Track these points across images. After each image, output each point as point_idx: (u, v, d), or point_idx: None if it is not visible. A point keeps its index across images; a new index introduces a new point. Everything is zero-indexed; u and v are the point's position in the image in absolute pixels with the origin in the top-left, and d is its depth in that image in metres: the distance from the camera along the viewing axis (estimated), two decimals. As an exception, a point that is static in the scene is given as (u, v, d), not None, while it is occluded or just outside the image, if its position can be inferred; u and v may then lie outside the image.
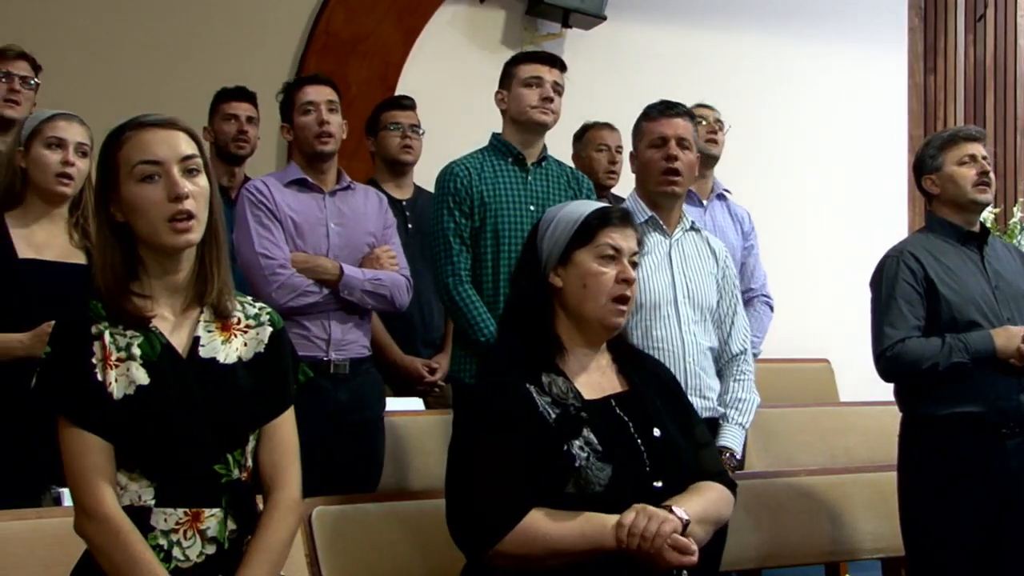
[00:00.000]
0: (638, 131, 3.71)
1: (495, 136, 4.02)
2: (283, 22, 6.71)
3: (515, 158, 3.94)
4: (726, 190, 4.99)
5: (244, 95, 5.03)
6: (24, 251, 3.32)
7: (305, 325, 3.72)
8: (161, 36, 6.35)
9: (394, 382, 4.56)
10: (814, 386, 6.51)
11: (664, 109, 3.69)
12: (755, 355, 4.64)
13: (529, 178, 3.94)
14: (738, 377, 3.65)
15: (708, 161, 4.79)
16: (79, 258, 3.38)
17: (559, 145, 5.15)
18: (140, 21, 6.36)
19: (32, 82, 4.39)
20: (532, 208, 3.88)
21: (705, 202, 4.83)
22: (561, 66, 4.01)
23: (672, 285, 3.56)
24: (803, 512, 4.14)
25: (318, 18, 6.75)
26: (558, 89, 3.96)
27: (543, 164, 4.00)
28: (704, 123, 4.83)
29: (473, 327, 3.76)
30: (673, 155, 3.59)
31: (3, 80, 4.32)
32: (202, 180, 2.28)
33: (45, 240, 3.37)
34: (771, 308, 4.90)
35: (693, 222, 3.76)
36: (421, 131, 5.02)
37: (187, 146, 2.28)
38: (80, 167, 3.36)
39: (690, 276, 3.61)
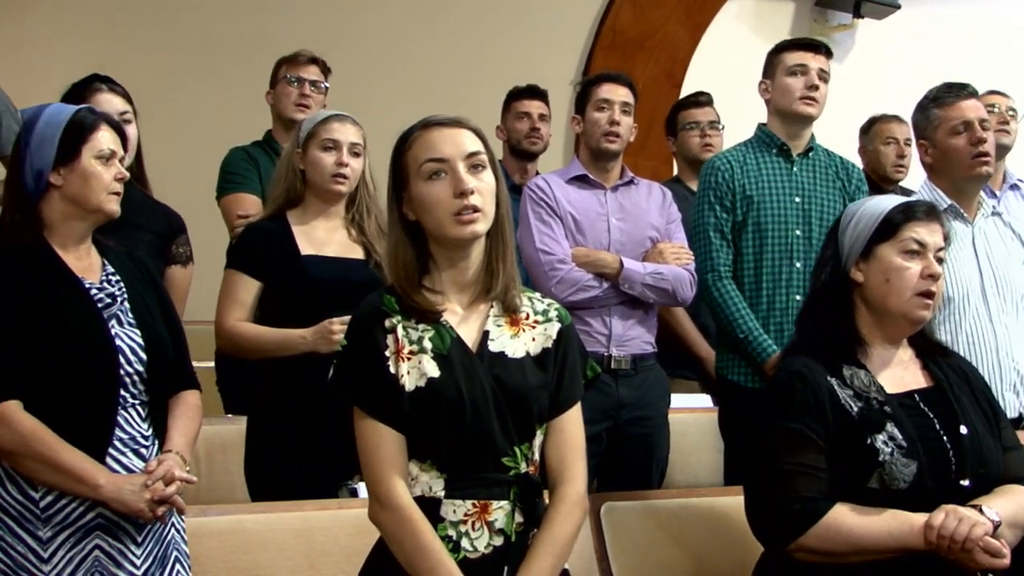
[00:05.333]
0: (929, 119, 3.56)
1: (760, 127, 3.94)
2: (571, 20, 6.81)
3: (779, 149, 3.86)
4: (1020, 180, 4.74)
5: (536, 93, 5.10)
6: (305, 248, 3.41)
7: (586, 320, 3.72)
8: (454, 38, 6.55)
9: (700, 377, 4.60)
10: None
11: (958, 92, 3.55)
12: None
13: (795, 169, 3.84)
14: None
15: (1000, 151, 4.55)
16: (357, 254, 3.46)
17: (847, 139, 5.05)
18: (433, 23, 6.58)
19: (322, 86, 4.55)
20: (797, 200, 3.79)
21: (998, 193, 4.60)
22: (827, 52, 3.89)
23: (979, 275, 3.42)
24: None
25: (605, 16, 6.81)
26: (824, 77, 3.84)
27: (810, 155, 3.89)
28: (996, 111, 4.60)
29: (731, 323, 3.71)
30: (982, 138, 3.46)
31: (295, 84, 4.50)
32: (487, 176, 2.31)
33: (324, 237, 3.46)
34: None
35: (994, 207, 3.59)
36: (721, 126, 4.98)
37: (472, 143, 2.32)
38: (354, 166, 3.44)
39: (997, 264, 3.45)
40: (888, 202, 2.73)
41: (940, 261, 2.67)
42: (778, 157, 3.86)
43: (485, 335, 2.34)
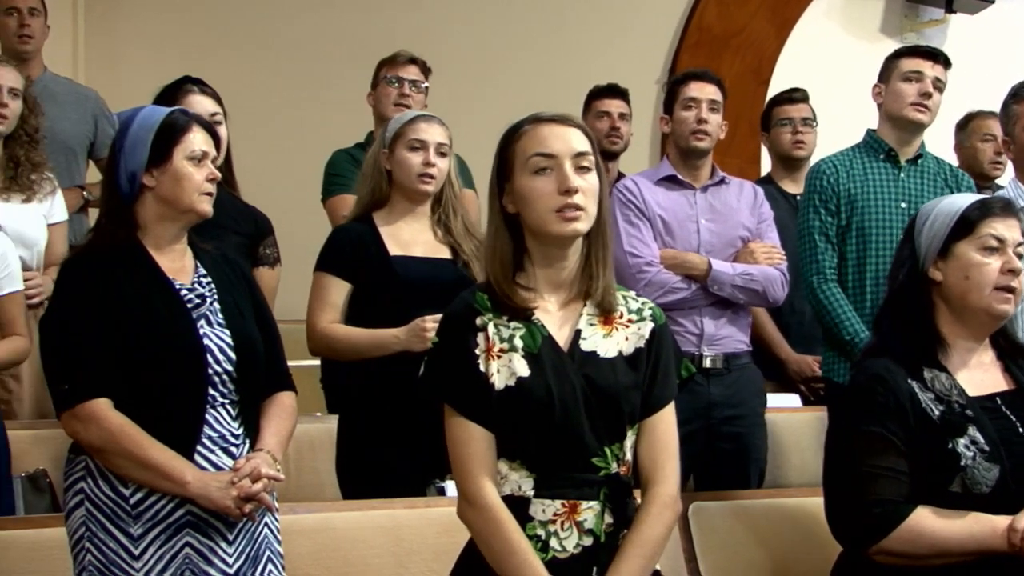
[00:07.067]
0: (1009, 115, 3.52)
1: (869, 132, 3.92)
2: (656, 18, 6.78)
3: (887, 155, 3.83)
4: None
5: (615, 92, 5.11)
6: (393, 249, 3.43)
7: (677, 320, 3.70)
8: (537, 36, 6.56)
9: (781, 379, 4.56)
10: None
11: None
12: None
13: (902, 175, 3.82)
14: None
15: None
16: (444, 253, 3.47)
17: (940, 136, 4.96)
18: (516, 22, 6.59)
19: (422, 86, 4.59)
20: (903, 206, 3.76)
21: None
22: (945, 62, 3.84)
23: None
24: None
25: (691, 13, 6.77)
26: (939, 86, 3.80)
27: (919, 162, 3.86)
28: None
29: (837, 325, 3.70)
30: None
31: (395, 84, 4.55)
32: (592, 177, 2.31)
33: (411, 237, 3.47)
34: None
35: None
36: (815, 124, 4.92)
37: (581, 143, 2.31)
38: (440, 167, 3.44)
39: None
40: (964, 200, 2.71)
41: (1020, 256, 2.64)
42: (885, 163, 3.83)
43: (577, 334, 2.33)
